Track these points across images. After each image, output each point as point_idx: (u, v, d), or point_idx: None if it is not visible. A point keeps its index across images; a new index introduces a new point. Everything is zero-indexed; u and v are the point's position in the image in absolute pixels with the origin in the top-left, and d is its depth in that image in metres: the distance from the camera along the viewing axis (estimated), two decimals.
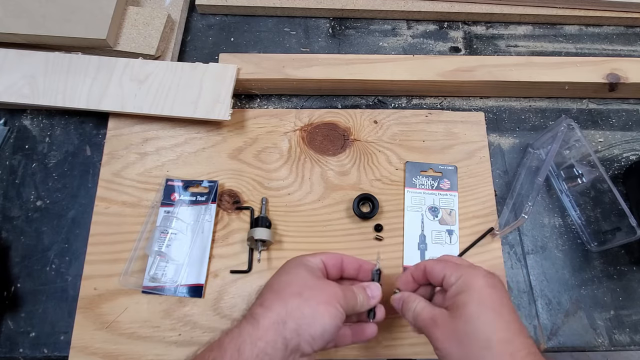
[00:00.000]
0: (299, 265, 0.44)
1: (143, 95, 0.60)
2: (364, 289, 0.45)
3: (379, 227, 0.58)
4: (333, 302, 0.41)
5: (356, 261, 0.48)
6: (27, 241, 0.57)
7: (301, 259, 0.45)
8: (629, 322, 0.56)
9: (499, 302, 0.39)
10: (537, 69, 0.64)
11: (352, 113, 0.64)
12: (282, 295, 0.41)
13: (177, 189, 0.58)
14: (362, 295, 0.44)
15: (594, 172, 0.59)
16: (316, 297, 0.41)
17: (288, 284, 0.42)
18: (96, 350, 0.51)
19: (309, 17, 0.72)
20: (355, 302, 0.43)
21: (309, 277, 0.43)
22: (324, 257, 0.46)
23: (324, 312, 0.40)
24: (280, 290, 0.42)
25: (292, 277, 0.43)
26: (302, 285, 0.42)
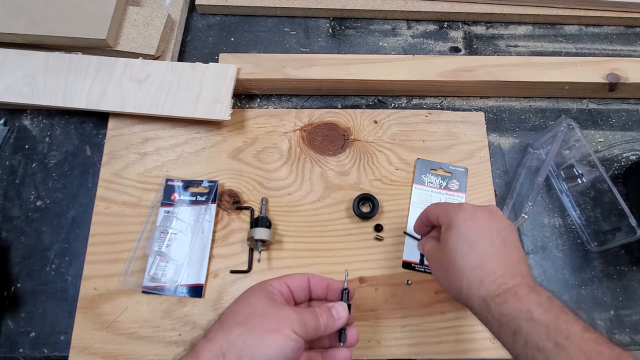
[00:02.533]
0: (256, 290, 0.42)
1: (143, 95, 0.60)
2: (328, 310, 0.42)
3: (379, 227, 0.58)
4: (283, 329, 0.38)
5: (323, 280, 0.45)
6: (27, 241, 0.57)
7: (263, 283, 0.43)
8: (629, 322, 0.56)
9: (476, 234, 0.42)
10: (537, 69, 0.64)
11: (352, 113, 0.64)
12: (226, 325, 0.38)
13: (177, 189, 0.58)
14: (325, 317, 0.41)
15: (594, 172, 0.59)
16: (262, 324, 0.38)
17: (236, 313, 0.40)
18: (96, 350, 0.51)
19: (309, 17, 0.72)
20: (318, 324, 0.40)
21: (261, 303, 0.40)
22: (287, 280, 0.44)
23: (269, 340, 0.37)
24: (226, 319, 0.39)
25: (242, 305, 0.41)
26: (250, 313, 0.39)
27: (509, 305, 0.38)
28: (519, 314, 0.37)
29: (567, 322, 0.35)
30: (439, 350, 0.53)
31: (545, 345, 0.34)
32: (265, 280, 0.44)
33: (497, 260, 0.41)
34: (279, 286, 0.43)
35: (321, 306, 0.43)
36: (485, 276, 0.40)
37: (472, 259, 0.41)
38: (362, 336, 0.53)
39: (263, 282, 0.43)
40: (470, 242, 0.42)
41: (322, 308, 0.42)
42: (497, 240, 0.42)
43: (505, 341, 0.38)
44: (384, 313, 0.54)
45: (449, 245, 0.43)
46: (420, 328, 0.53)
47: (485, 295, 0.39)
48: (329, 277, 0.46)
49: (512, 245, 0.42)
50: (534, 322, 0.36)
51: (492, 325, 0.39)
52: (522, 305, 0.37)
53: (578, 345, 0.34)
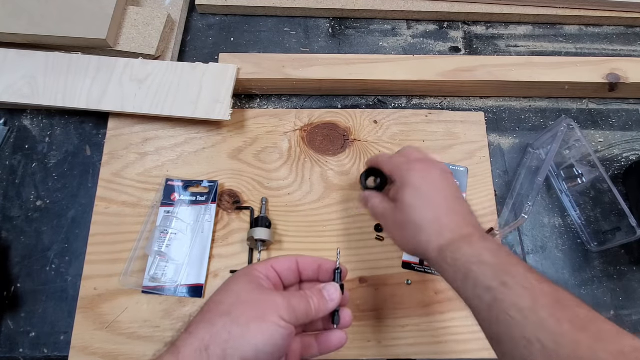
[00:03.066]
0: (240, 277, 0.40)
1: (143, 95, 0.60)
2: (319, 292, 0.40)
3: (379, 227, 0.58)
4: (269, 317, 0.36)
5: (314, 261, 0.44)
6: (27, 241, 0.57)
7: (247, 269, 0.41)
8: (629, 322, 0.56)
9: (431, 191, 0.43)
10: (537, 69, 0.64)
11: (352, 113, 0.64)
12: (208, 317, 0.36)
13: (177, 189, 0.58)
14: (316, 299, 0.40)
15: (594, 172, 0.59)
16: (247, 313, 0.36)
17: (218, 303, 0.37)
18: (96, 350, 0.51)
19: (309, 17, 0.72)
20: (308, 308, 0.39)
21: (245, 290, 0.38)
22: (274, 263, 0.42)
23: (255, 330, 0.35)
24: (208, 310, 0.37)
25: (225, 293, 0.39)
26: (233, 302, 0.37)
27: (463, 251, 0.39)
28: (470, 258, 0.39)
29: (513, 264, 0.37)
30: (439, 350, 0.53)
31: (492, 284, 0.36)
32: (250, 265, 0.43)
33: (452, 213, 0.43)
34: (265, 270, 0.41)
35: (312, 288, 0.41)
36: (442, 227, 0.42)
37: (430, 214, 0.42)
38: (362, 336, 0.53)
39: (248, 267, 0.42)
40: (426, 199, 0.43)
41: (312, 290, 0.41)
42: (450, 196, 0.44)
43: (457, 286, 0.40)
44: (384, 313, 0.54)
45: (405, 202, 0.43)
46: (420, 328, 0.53)
47: (442, 244, 0.41)
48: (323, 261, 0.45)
49: (462, 200, 0.45)
50: (483, 264, 0.38)
51: (447, 272, 0.40)
52: (473, 251, 0.39)
53: (521, 283, 0.36)
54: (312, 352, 0.42)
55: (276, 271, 0.42)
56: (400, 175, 0.46)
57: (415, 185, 0.44)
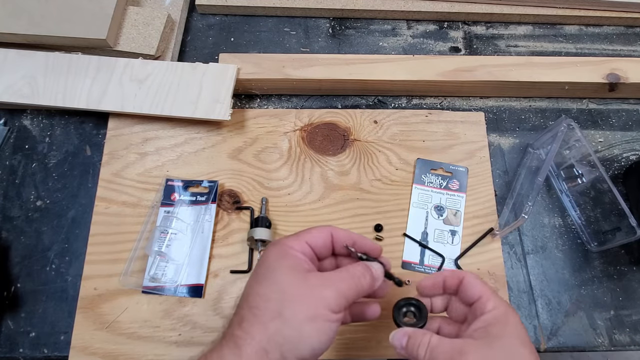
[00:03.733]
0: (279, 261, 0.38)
1: (143, 95, 0.60)
2: (369, 269, 0.39)
3: (379, 227, 0.58)
4: (320, 314, 0.35)
5: (349, 237, 0.41)
6: (27, 241, 0.57)
7: (283, 248, 0.39)
8: (629, 322, 0.56)
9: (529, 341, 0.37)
10: (537, 69, 0.64)
11: (352, 113, 0.64)
12: (261, 318, 0.36)
13: (177, 189, 0.58)
14: (368, 277, 0.39)
15: (594, 172, 0.59)
16: (298, 313, 0.35)
17: (266, 299, 0.36)
18: (96, 350, 0.51)
19: (309, 17, 0.72)
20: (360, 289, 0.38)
21: (290, 281, 0.37)
22: (308, 239, 0.40)
23: (309, 331, 0.35)
24: (258, 307, 0.36)
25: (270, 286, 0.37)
26: (281, 298, 0.36)
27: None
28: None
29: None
30: None
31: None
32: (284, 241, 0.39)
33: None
34: (301, 248, 0.39)
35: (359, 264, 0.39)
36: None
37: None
38: (362, 336, 0.53)
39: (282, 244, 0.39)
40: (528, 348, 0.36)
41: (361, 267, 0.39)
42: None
43: None
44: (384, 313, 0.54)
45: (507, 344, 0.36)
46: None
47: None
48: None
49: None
50: None
51: None
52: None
53: None
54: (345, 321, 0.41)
55: (311, 247, 0.40)
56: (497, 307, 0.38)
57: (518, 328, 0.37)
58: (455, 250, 0.57)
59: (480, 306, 0.38)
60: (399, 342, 0.40)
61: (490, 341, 0.36)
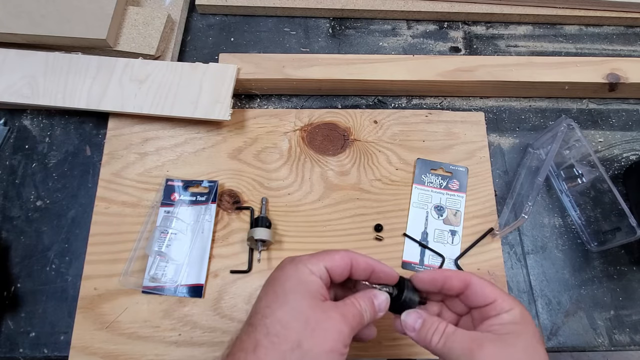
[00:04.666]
0: (297, 286, 0.37)
1: (143, 95, 0.60)
2: (371, 303, 0.39)
3: (379, 227, 0.58)
4: (337, 349, 0.35)
5: (369, 266, 0.40)
6: (27, 241, 0.57)
7: (301, 270, 0.38)
8: (629, 322, 0.56)
9: (543, 341, 0.38)
10: (537, 69, 0.64)
11: (352, 113, 0.64)
12: (279, 347, 0.35)
13: (177, 189, 0.58)
14: (369, 312, 0.39)
15: (594, 172, 0.59)
16: (317, 346, 0.35)
17: (283, 326, 0.36)
18: (96, 350, 0.51)
19: (309, 17, 0.72)
20: (363, 322, 0.38)
21: (310, 313, 0.36)
22: (329, 264, 0.39)
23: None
24: (277, 334, 0.35)
25: (288, 312, 0.36)
26: (301, 328, 0.35)
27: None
28: None
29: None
30: None
31: None
32: (303, 263, 0.38)
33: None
34: (319, 271, 0.38)
35: (364, 297, 0.39)
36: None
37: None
38: None
39: (302, 265, 0.38)
40: (543, 347, 0.37)
41: (366, 300, 0.39)
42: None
43: None
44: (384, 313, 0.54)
45: (526, 342, 0.36)
46: None
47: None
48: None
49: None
50: None
51: None
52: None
53: None
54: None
55: (329, 272, 0.39)
56: (514, 308, 0.38)
57: (535, 328, 0.38)
58: (455, 250, 0.57)
59: (495, 307, 0.38)
60: (412, 324, 0.39)
61: (510, 338, 0.36)
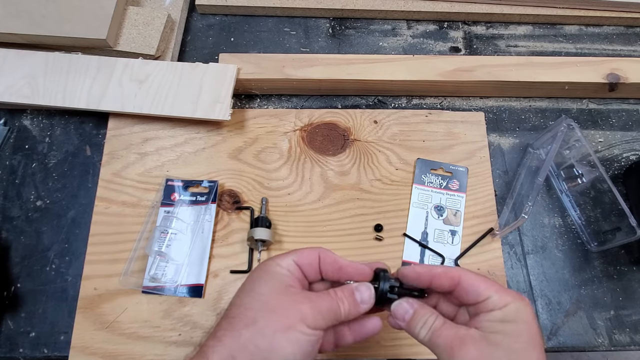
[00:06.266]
0: (264, 275, 0.38)
1: (143, 95, 0.60)
2: (351, 294, 0.38)
3: (379, 227, 0.58)
4: (295, 326, 0.35)
5: (335, 262, 0.39)
6: (27, 241, 0.57)
7: (269, 264, 0.39)
8: (629, 322, 0.56)
9: (540, 341, 0.35)
10: (537, 69, 0.64)
11: (352, 113, 0.64)
12: (235, 325, 0.35)
13: (177, 189, 0.58)
14: (347, 303, 0.37)
15: (594, 172, 0.59)
16: (273, 323, 0.35)
17: (245, 308, 0.36)
18: (96, 350, 0.51)
19: (309, 17, 0.72)
20: (337, 312, 0.37)
21: (271, 295, 0.37)
22: (296, 258, 0.39)
23: (282, 341, 0.34)
24: (235, 316, 0.36)
25: (252, 297, 0.37)
26: (260, 308, 0.36)
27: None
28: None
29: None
30: None
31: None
32: (272, 259, 0.39)
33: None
34: (287, 265, 0.39)
35: (344, 288, 0.38)
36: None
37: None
38: None
39: (270, 261, 0.39)
40: (540, 351, 0.35)
41: (344, 291, 0.38)
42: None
43: None
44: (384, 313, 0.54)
45: (516, 345, 0.34)
46: None
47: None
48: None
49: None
50: None
51: None
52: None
53: None
54: (346, 340, 0.40)
55: (300, 267, 0.40)
56: (509, 304, 0.35)
57: (532, 327, 0.35)
58: (455, 250, 0.57)
59: (488, 304, 0.36)
60: (402, 314, 0.39)
61: (496, 338, 0.34)
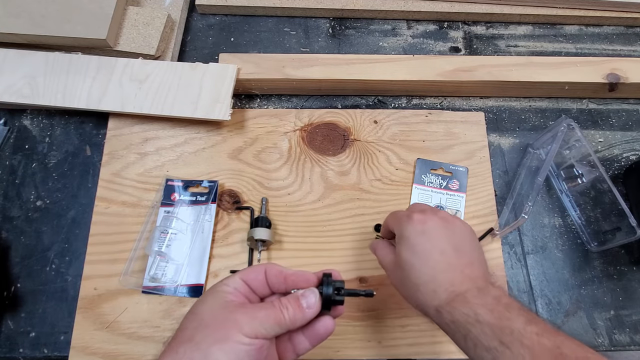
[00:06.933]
0: (207, 295, 0.39)
1: (143, 95, 0.60)
2: (295, 300, 0.38)
3: (379, 227, 0.58)
4: (231, 336, 0.35)
5: (279, 272, 0.40)
6: (27, 241, 0.57)
7: (216, 285, 0.40)
8: (629, 322, 0.56)
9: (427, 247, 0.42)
10: (537, 69, 0.64)
11: (352, 113, 0.64)
12: (172, 344, 0.36)
13: (177, 189, 0.58)
14: (291, 309, 0.38)
15: (594, 172, 0.59)
16: (209, 337, 0.35)
17: (183, 329, 0.37)
18: (96, 350, 0.51)
19: (309, 17, 0.72)
20: (280, 319, 0.37)
21: (209, 311, 0.37)
22: (242, 275, 0.40)
23: (217, 353, 0.34)
24: (174, 337, 0.37)
25: (190, 318, 0.38)
26: (196, 326, 0.36)
27: (458, 311, 0.38)
28: (467, 318, 0.38)
29: (511, 319, 0.36)
30: (439, 350, 0.53)
31: (491, 344, 0.35)
32: (220, 281, 0.40)
33: (448, 270, 0.41)
34: (234, 283, 0.39)
35: (289, 296, 0.39)
36: (437, 287, 0.40)
37: (425, 272, 0.41)
38: (362, 336, 0.53)
39: (218, 282, 0.40)
40: (421, 256, 0.42)
41: (289, 298, 0.38)
42: (448, 249, 0.42)
43: (461, 346, 0.39)
44: (384, 313, 0.54)
45: (402, 258, 0.43)
46: (420, 328, 0.54)
47: (437, 305, 0.40)
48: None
49: (463, 250, 0.42)
50: (480, 323, 0.37)
51: (448, 332, 0.40)
52: (469, 309, 0.38)
53: (520, 340, 0.34)
54: (305, 346, 0.41)
55: (246, 283, 0.40)
56: (399, 229, 0.44)
57: (411, 241, 0.43)
58: None
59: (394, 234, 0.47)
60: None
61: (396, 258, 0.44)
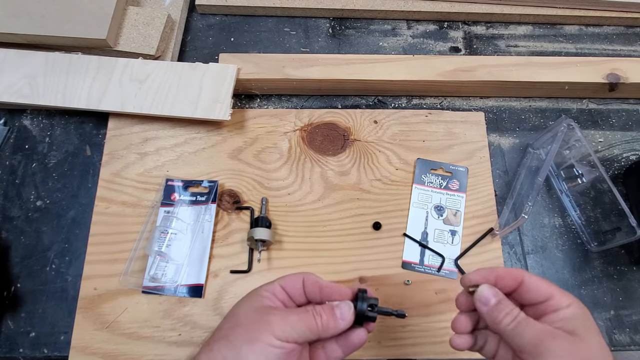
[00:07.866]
0: (245, 298, 0.41)
1: (143, 95, 0.60)
2: (330, 309, 0.39)
3: (378, 225, 0.58)
4: (261, 337, 0.36)
5: (316, 283, 0.41)
6: (27, 241, 0.57)
7: (255, 289, 0.41)
8: (629, 322, 0.56)
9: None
10: (537, 69, 0.64)
11: (352, 113, 0.64)
12: (209, 342, 0.38)
13: (177, 189, 0.58)
14: (325, 317, 0.39)
15: (594, 172, 0.59)
16: (242, 336, 0.37)
17: (219, 328, 0.39)
18: (96, 350, 0.51)
19: (309, 17, 0.72)
20: (312, 325, 0.38)
21: (245, 313, 0.39)
22: (281, 281, 0.41)
23: (247, 352, 0.36)
24: (211, 335, 0.39)
25: (228, 318, 0.40)
26: (231, 326, 0.38)
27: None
28: None
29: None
30: (439, 350, 0.53)
31: None
32: (260, 286, 0.42)
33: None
34: (272, 288, 0.41)
35: (324, 305, 0.40)
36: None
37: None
38: None
39: (257, 288, 0.42)
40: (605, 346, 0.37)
41: (323, 307, 0.40)
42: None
43: None
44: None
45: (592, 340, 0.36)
46: (420, 328, 0.53)
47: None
48: (330, 277, 0.43)
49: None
50: None
51: None
52: None
53: None
54: (337, 355, 0.41)
55: (284, 289, 0.41)
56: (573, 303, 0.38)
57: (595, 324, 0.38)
58: (455, 250, 0.57)
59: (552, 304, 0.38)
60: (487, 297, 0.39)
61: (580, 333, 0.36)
